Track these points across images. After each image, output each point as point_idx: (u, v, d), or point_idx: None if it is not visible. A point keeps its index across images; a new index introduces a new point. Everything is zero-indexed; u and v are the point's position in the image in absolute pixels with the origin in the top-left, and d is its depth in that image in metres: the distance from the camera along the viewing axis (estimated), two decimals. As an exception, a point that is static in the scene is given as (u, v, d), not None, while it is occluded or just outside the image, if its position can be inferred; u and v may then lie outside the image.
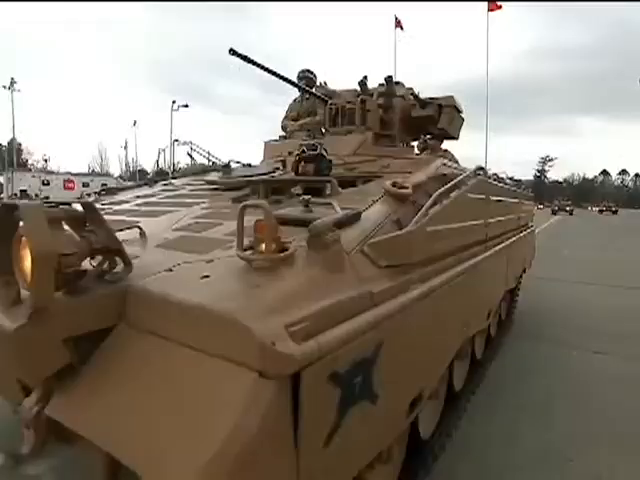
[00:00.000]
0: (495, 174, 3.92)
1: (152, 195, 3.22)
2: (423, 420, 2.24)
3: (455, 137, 4.69)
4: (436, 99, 4.28)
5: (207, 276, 1.20)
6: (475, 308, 2.70)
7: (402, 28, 19.42)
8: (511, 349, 4.40)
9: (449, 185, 2.12)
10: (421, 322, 1.67)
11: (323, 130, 4.44)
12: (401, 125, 4.39)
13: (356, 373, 1.20)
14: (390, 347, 1.39)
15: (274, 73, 3.67)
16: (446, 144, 4.98)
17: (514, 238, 4.24)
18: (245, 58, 3.29)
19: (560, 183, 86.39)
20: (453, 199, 2.14)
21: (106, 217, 1.21)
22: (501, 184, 3.94)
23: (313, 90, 4.56)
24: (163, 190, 3.54)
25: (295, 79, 4.68)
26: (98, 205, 3.37)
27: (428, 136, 5.44)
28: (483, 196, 2.83)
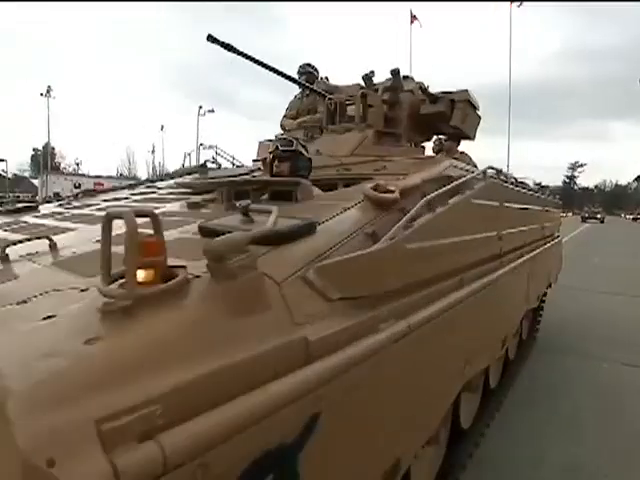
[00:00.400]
0: (513, 177, 3.43)
1: (118, 199, 2.89)
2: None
3: (470, 137, 4.21)
4: (448, 93, 3.82)
5: (51, 316, 0.82)
6: (483, 339, 2.22)
7: (420, 24, 18.69)
8: (534, 366, 4.00)
9: (445, 189, 1.68)
10: (394, 374, 1.23)
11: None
12: (409, 123, 3.95)
13: (262, 472, 0.79)
14: (335, 419, 0.97)
15: (262, 64, 3.30)
16: (465, 147, 4.53)
17: (537, 251, 3.72)
18: (226, 46, 2.93)
19: (590, 190, 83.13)
20: (452, 206, 1.70)
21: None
22: (521, 189, 3.44)
23: (314, 86, 4.17)
24: (134, 194, 3.21)
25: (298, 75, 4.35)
26: (56, 209, 3.13)
27: (443, 136, 5.05)
28: (496, 203, 2.36)
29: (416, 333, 1.30)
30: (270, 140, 4.30)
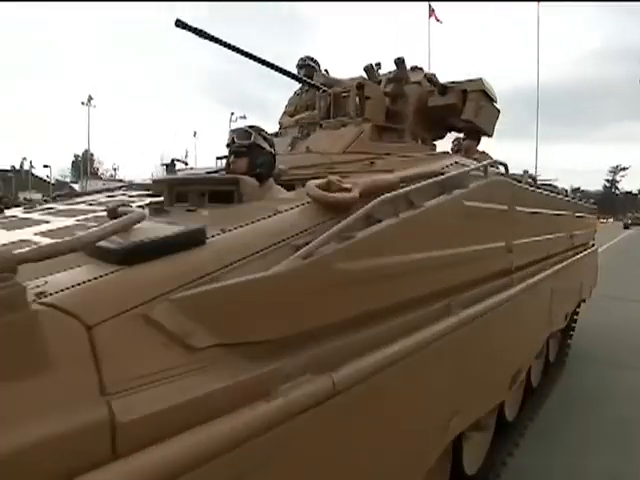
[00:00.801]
0: (531, 177, 2.94)
1: (83, 202, 2.62)
2: None
3: (487, 133, 3.73)
4: (459, 83, 3.37)
5: None
6: (482, 382, 1.77)
7: (438, 19, 17.77)
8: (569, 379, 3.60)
9: (413, 187, 1.27)
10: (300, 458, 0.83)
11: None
12: (416, 117, 3.52)
13: None
14: None
15: (246, 54, 2.96)
16: (492, 150, 4.05)
17: (565, 263, 3.20)
18: (197, 31, 2.61)
19: (634, 194, 78.61)
20: (426, 210, 1.28)
21: None
22: (544, 191, 2.94)
23: (313, 80, 3.81)
24: (110, 195, 2.93)
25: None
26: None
27: (461, 135, 4.58)
28: (503, 206, 1.92)
29: (351, 394, 0.90)
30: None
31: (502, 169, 2.17)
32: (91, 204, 2.42)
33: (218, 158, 3.53)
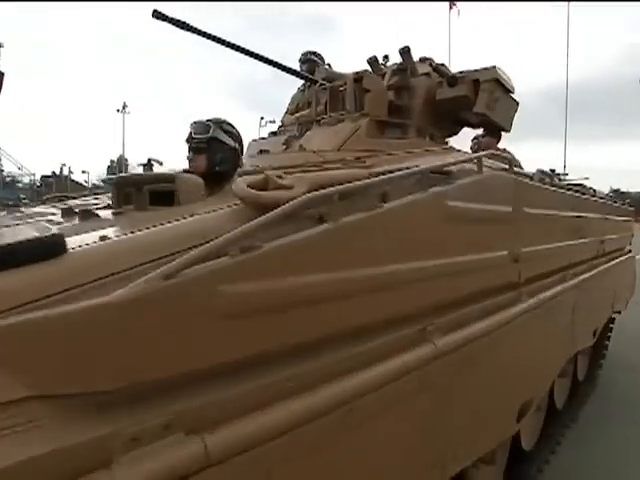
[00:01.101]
0: (547, 174, 2.60)
1: (55, 206, 2.48)
2: None
3: (504, 127, 3.39)
4: (470, 73, 3.05)
5: None
6: (477, 418, 1.47)
7: (458, 11, 16.88)
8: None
9: (366, 182, 1.01)
10: None
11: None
12: (424, 111, 3.22)
13: None
14: None
15: (230, 45, 2.76)
16: (525, 150, 3.69)
17: (592, 272, 2.83)
18: (177, 22, 2.43)
19: (685, 196, 73.90)
20: (382, 213, 1.02)
21: None
22: (565, 191, 2.59)
23: (315, 75, 3.58)
24: (96, 197, 2.79)
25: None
26: None
27: (481, 132, 4.24)
28: (507, 208, 1.62)
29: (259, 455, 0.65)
30: (263, 138, 3.77)
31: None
32: (60, 206, 2.27)
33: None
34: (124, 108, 36.83)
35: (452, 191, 1.25)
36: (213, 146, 1.66)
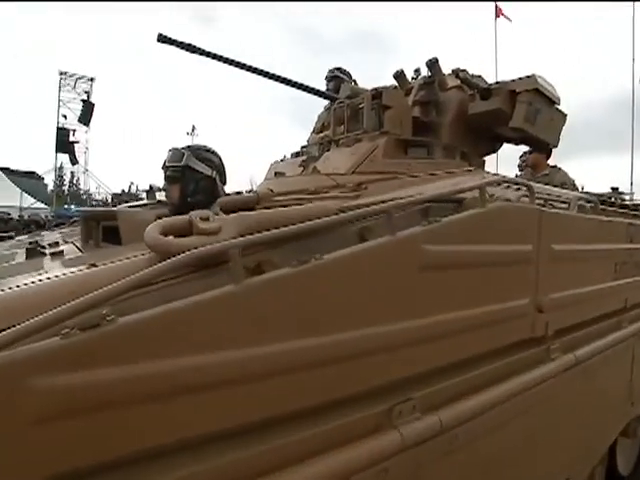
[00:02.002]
0: (615, 193, 2.21)
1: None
2: None
3: (550, 143, 2.99)
4: (506, 83, 2.71)
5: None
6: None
7: (507, 18, 15.70)
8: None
9: (308, 225, 0.79)
10: None
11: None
12: (456, 128, 2.92)
13: None
14: None
15: (243, 66, 2.66)
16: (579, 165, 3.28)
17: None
18: (184, 45, 2.36)
19: None
20: (308, 269, 0.79)
21: None
22: (622, 217, 2.17)
23: (340, 93, 3.41)
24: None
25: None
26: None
27: (526, 148, 3.84)
28: (526, 246, 1.31)
29: None
30: (291, 156, 3.62)
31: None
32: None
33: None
34: (193, 131, 38.83)
35: (429, 232, 0.99)
36: (187, 175, 1.51)
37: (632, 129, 12.77)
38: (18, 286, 0.79)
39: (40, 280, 0.80)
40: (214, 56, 2.49)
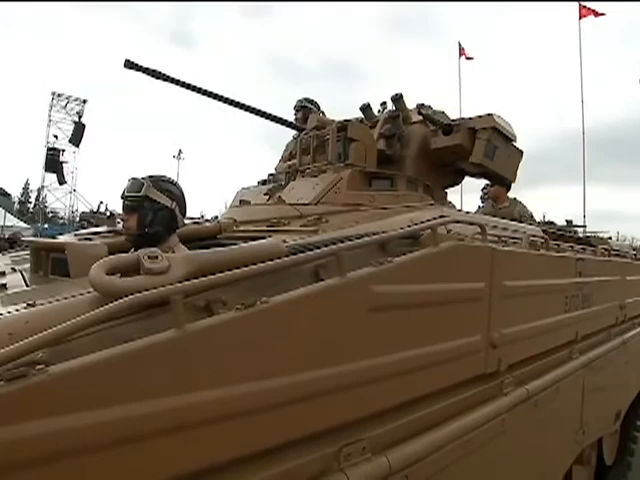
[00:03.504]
0: (569, 226, 2.32)
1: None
2: None
3: (507, 178, 3.13)
4: (466, 121, 2.85)
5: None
6: None
7: (466, 56, 16.52)
8: None
9: (243, 272, 0.79)
10: None
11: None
12: (419, 162, 3.03)
13: None
14: None
15: (208, 93, 2.68)
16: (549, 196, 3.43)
17: (609, 344, 2.46)
18: (150, 71, 2.37)
19: None
20: (260, 311, 0.79)
21: None
22: (571, 251, 2.27)
23: (307, 123, 3.47)
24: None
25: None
26: None
27: (488, 182, 4.00)
28: (478, 284, 1.35)
29: None
30: (257, 183, 3.63)
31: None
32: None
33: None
34: (179, 154, 38.21)
35: (384, 273, 1.01)
36: (145, 205, 1.49)
37: (583, 165, 13.54)
38: None
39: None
40: (181, 83, 2.50)
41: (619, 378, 2.59)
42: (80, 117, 26.05)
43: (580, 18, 13.60)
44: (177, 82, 2.48)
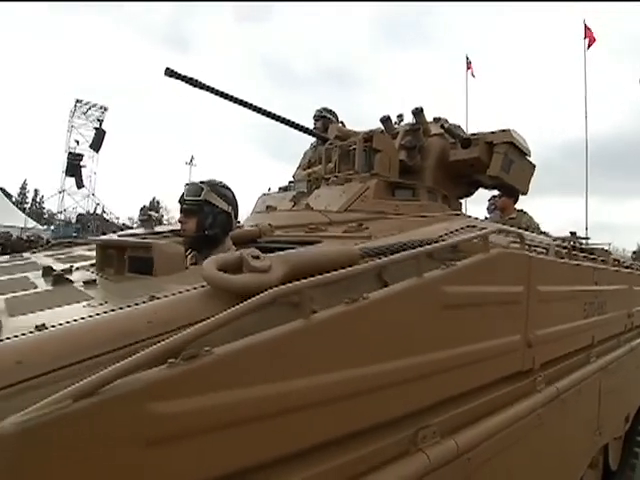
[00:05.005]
0: (573, 237, 2.45)
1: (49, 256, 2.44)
2: None
3: (520, 190, 3.28)
4: (484, 135, 2.99)
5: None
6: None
7: (472, 73, 16.89)
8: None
9: (349, 270, 0.90)
10: None
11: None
12: (436, 173, 3.16)
13: None
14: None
15: (248, 105, 2.80)
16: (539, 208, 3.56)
17: (622, 349, 2.59)
18: (189, 80, 2.47)
19: None
20: (364, 306, 0.90)
21: None
22: (587, 261, 2.41)
23: (328, 132, 3.60)
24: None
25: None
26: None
27: (497, 193, 4.15)
28: (517, 288, 1.47)
29: None
30: (279, 190, 3.73)
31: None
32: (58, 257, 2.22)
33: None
34: (191, 161, 38.18)
35: (449, 275, 1.12)
36: (205, 209, 1.59)
37: (586, 179, 13.84)
38: (75, 320, 0.84)
39: (107, 312, 0.86)
40: (219, 93, 2.61)
41: (629, 383, 2.72)
42: (101, 123, 27.03)
43: (585, 37, 13.88)
44: (214, 91, 2.59)
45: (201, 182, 1.64)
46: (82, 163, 26.24)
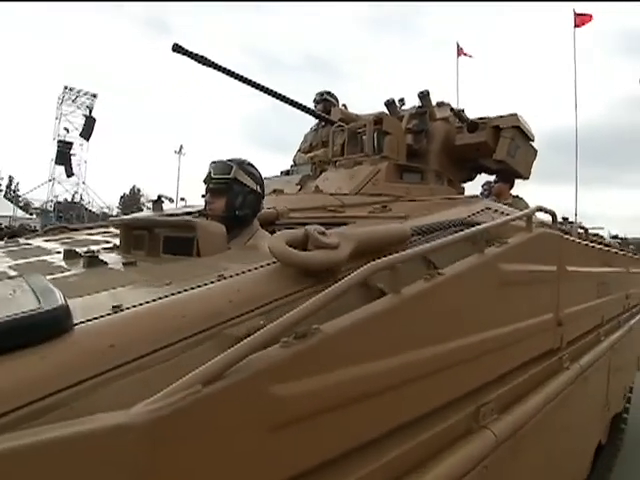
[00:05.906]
0: (581, 227, 2.49)
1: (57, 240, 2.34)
2: None
3: (523, 175, 3.32)
4: (491, 119, 3.00)
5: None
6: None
7: (466, 54, 17.10)
8: None
9: (433, 244, 0.88)
10: None
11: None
12: (442, 157, 3.16)
13: None
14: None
15: (253, 84, 2.72)
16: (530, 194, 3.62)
17: (623, 329, 2.68)
18: (196, 56, 2.38)
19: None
20: (447, 279, 0.88)
21: None
22: (595, 244, 2.46)
23: (331, 115, 3.54)
24: (105, 232, 2.66)
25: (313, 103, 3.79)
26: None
27: (492, 178, 4.18)
28: (552, 267, 1.48)
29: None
30: (277, 177, 3.67)
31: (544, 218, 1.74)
32: (64, 241, 2.13)
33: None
34: (180, 150, 37.00)
35: (504, 252, 1.12)
36: (234, 188, 1.54)
37: (576, 168, 14.22)
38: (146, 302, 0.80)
39: (174, 293, 0.81)
40: (225, 70, 2.52)
41: (627, 361, 2.83)
42: (90, 111, 26.16)
43: (575, 26, 14.09)
44: (220, 68, 2.50)
45: (229, 160, 1.58)
46: (72, 151, 25.56)
